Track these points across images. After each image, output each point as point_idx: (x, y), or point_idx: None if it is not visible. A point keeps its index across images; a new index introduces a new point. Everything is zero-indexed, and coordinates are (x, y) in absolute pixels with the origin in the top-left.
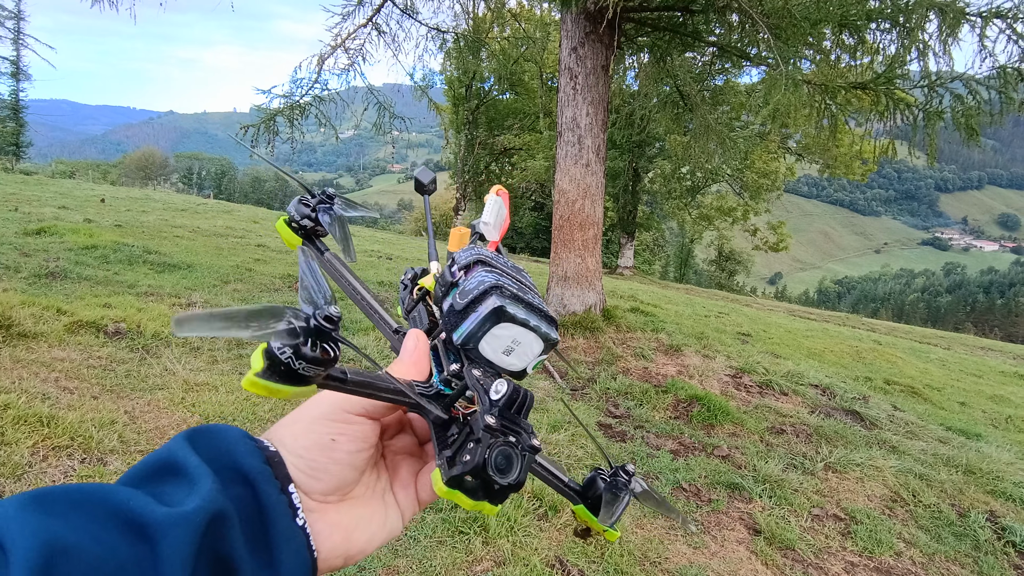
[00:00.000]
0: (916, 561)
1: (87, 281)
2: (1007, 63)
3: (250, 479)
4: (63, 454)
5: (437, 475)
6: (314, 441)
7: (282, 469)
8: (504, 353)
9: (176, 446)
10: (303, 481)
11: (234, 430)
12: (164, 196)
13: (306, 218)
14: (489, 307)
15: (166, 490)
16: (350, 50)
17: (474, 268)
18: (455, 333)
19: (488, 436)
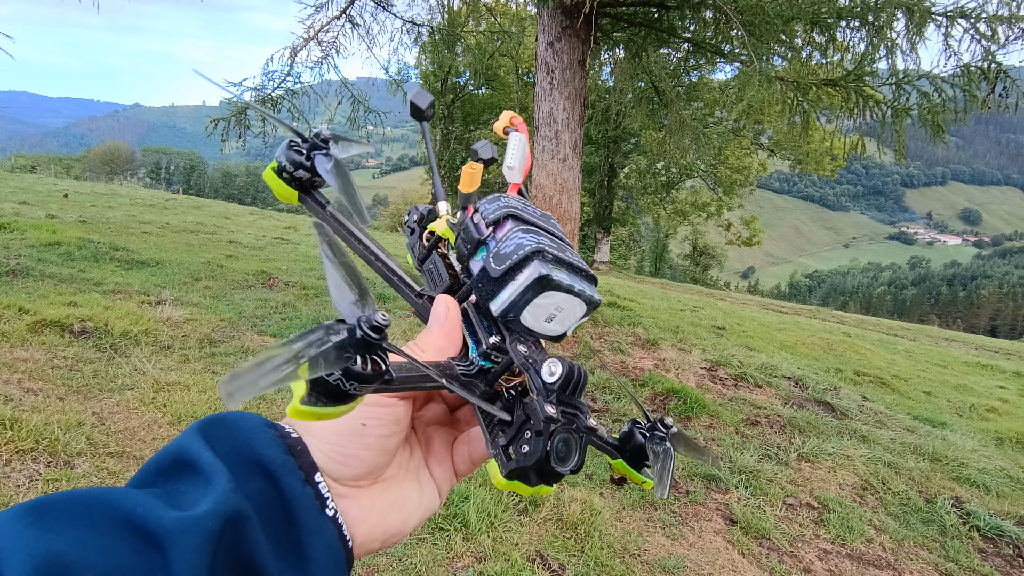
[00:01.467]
0: (886, 547)
1: (51, 279)
2: (971, 62)
3: (271, 472)
4: (27, 458)
5: (494, 467)
6: (343, 426)
7: (306, 457)
8: (546, 320)
9: (188, 439)
10: (331, 468)
11: (252, 418)
12: (131, 191)
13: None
14: (532, 276)
15: (179, 489)
16: (323, 43)
17: (504, 224)
18: (492, 303)
19: (549, 427)
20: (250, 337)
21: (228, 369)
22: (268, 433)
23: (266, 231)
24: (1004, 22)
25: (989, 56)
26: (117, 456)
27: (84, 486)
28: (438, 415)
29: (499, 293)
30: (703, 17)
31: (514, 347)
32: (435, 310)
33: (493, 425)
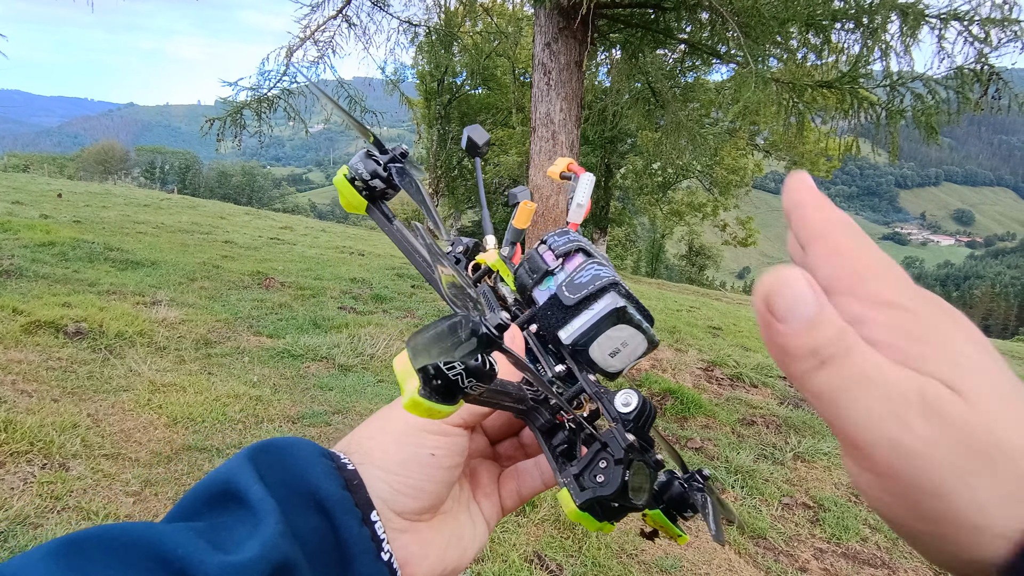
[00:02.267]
0: (881, 546)
1: (44, 279)
2: (964, 64)
3: (326, 508)
4: (22, 460)
5: (567, 497)
6: (411, 455)
7: (363, 494)
8: (610, 354)
9: (237, 468)
10: (396, 501)
11: (307, 446)
12: (125, 191)
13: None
14: (609, 307)
15: (225, 523)
16: (319, 42)
17: (574, 257)
18: (563, 331)
19: (628, 455)
20: (246, 338)
21: (224, 371)
22: (324, 464)
23: (262, 231)
24: (997, 25)
25: (982, 58)
26: (112, 458)
27: (79, 488)
28: (481, 447)
29: (571, 321)
30: (699, 18)
31: (585, 376)
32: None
33: (557, 455)
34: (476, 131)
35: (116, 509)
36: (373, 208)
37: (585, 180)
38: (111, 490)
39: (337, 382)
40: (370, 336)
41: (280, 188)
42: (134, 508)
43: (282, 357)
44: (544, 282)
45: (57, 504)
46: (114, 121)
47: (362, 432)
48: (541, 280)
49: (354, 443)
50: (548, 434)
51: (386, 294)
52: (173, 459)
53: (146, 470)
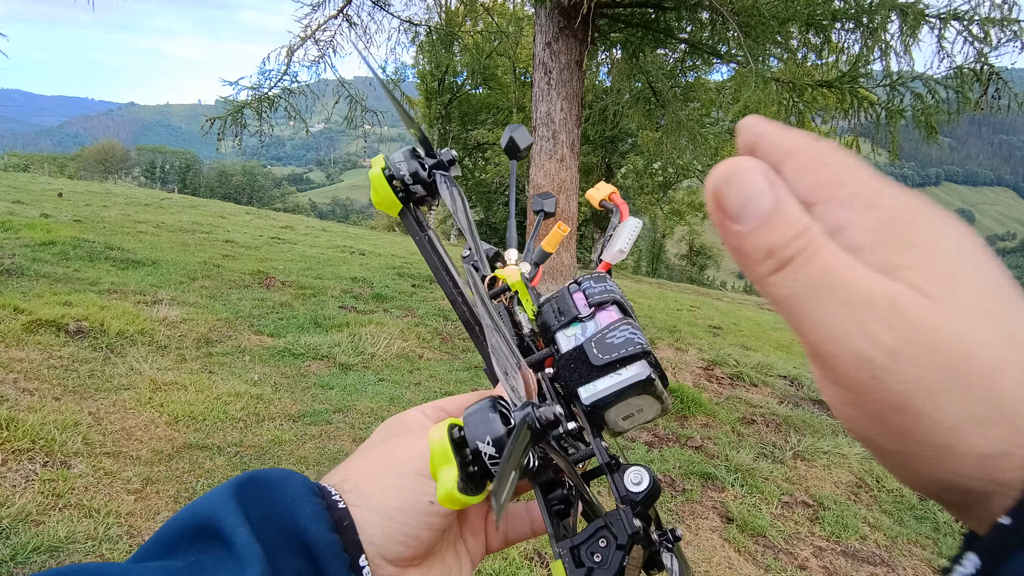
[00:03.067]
0: (880, 544)
1: (45, 279)
2: (963, 63)
3: (313, 553)
4: (24, 458)
5: (560, 570)
6: (409, 503)
7: (351, 536)
8: (623, 418)
9: (222, 504)
10: (389, 549)
11: (297, 482)
12: (126, 190)
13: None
14: (639, 376)
15: (204, 565)
16: (320, 42)
17: (608, 308)
18: (584, 389)
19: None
20: (247, 337)
21: (225, 369)
22: (314, 504)
23: (263, 231)
24: (996, 24)
25: (982, 58)
26: (114, 456)
27: (81, 486)
28: None
29: (595, 381)
30: (700, 18)
31: (599, 443)
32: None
33: (553, 514)
34: (520, 132)
35: (117, 507)
36: (407, 213)
37: (631, 225)
38: (112, 488)
39: (338, 381)
40: (371, 335)
41: (281, 187)
42: (135, 506)
43: (283, 356)
44: (571, 327)
45: (59, 502)
46: (114, 120)
47: (359, 468)
48: (568, 324)
49: (351, 480)
50: (546, 490)
51: (387, 293)
52: (174, 457)
53: (147, 468)
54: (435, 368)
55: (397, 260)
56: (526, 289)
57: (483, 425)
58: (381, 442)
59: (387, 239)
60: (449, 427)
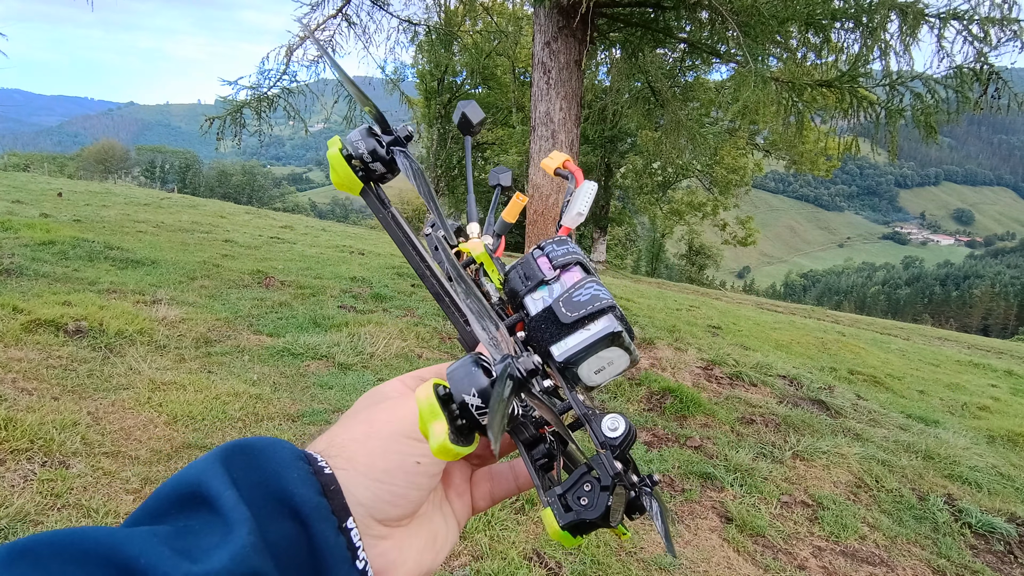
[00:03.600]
0: (879, 544)
1: (45, 278)
2: (963, 63)
3: (301, 515)
4: (22, 457)
5: (550, 517)
6: (396, 463)
7: (339, 499)
8: (595, 372)
9: (208, 470)
10: (378, 509)
11: (283, 447)
12: (125, 190)
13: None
14: (606, 330)
15: (192, 528)
16: (320, 41)
17: (572, 269)
18: (555, 347)
19: (614, 482)
20: (246, 336)
21: (224, 369)
22: (301, 468)
23: (262, 230)
24: (996, 24)
25: (981, 58)
26: (112, 456)
27: (80, 486)
28: None
29: (565, 338)
30: (699, 18)
31: (574, 396)
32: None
33: (538, 467)
34: (471, 108)
35: (116, 507)
36: (368, 191)
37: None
38: (111, 488)
39: (337, 380)
40: (370, 335)
41: (280, 187)
42: (134, 506)
43: (282, 356)
44: (537, 290)
45: (57, 501)
46: (114, 120)
47: (344, 433)
48: (535, 288)
49: (336, 445)
50: (529, 447)
51: (386, 293)
52: (173, 457)
53: (146, 468)
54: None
55: (396, 260)
56: (491, 260)
57: (467, 379)
58: (364, 409)
59: (386, 239)
60: (434, 386)
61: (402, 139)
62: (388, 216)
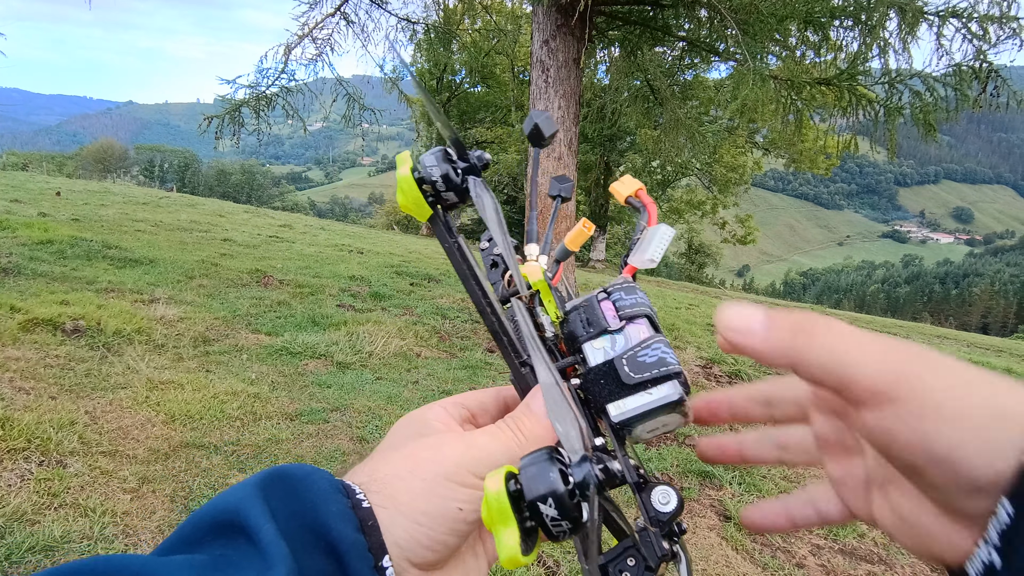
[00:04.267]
0: (878, 542)
1: (43, 277)
2: (962, 61)
3: (338, 552)
4: (19, 457)
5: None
6: (438, 507)
7: (376, 537)
8: (648, 431)
9: (247, 500)
10: (415, 553)
11: (322, 478)
12: (124, 189)
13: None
14: (670, 397)
15: (229, 559)
16: (318, 40)
17: (639, 322)
18: (613, 405)
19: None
20: (245, 335)
21: (222, 368)
22: (339, 502)
23: (260, 229)
24: (995, 22)
25: (980, 55)
26: (110, 455)
27: (77, 485)
28: None
29: (625, 398)
30: (698, 16)
31: (626, 460)
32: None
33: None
34: (544, 120)
35: (113, 506)
36: (437, 219)
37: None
38: (108, 487)
39: (335, 380)
40: (368, 334)
41: (279, 186)
42: (131, 505)
43: (280, 355)
44: (599, 338)
45: (54, 501)
46: (113, 119)
47: (387, 468)
48: (596, 336)
49: (377, 480)
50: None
51: (385, 292)
52: (171, 456)
53: (144, 467)
54: (433, 367)
55: (395, 259)
56: (548, 289)
57: (543, 482)
58: (407, 442)
59: (385, 238)
60: (506, 477)
61: (479, 167)
62: (454, 245)
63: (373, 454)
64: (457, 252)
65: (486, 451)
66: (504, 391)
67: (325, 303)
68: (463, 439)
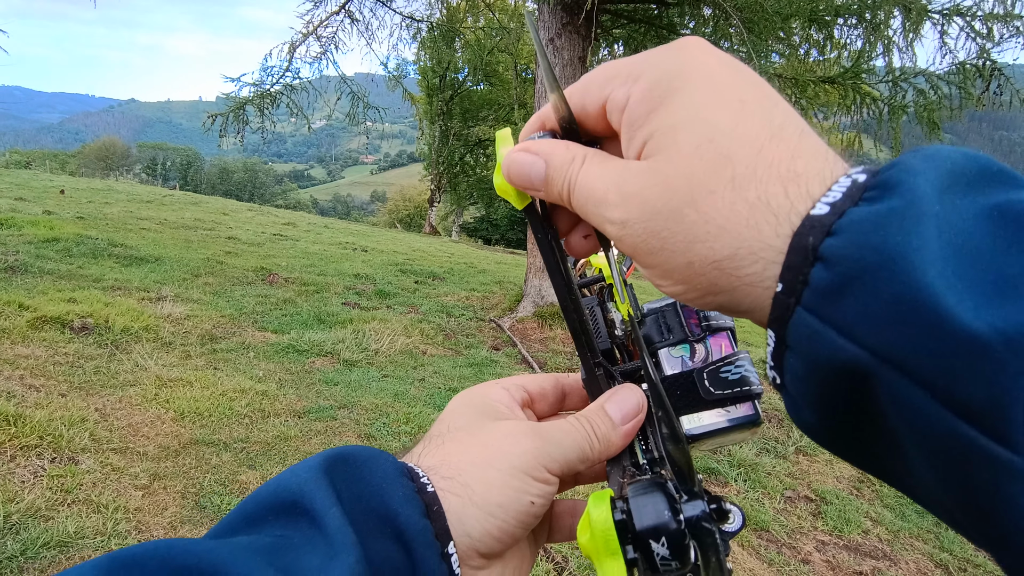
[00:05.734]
0: (882, 538)
1: (49, 275)
2: (966, 59)
3: (405, 538)
4: (32, 454)
5: None
6: (511, 500)
7: (441, 523)
8: (710, 446)
9: (312, 481)
10: (484, 543)
11: (386, 461)
12: (127, 187)
13: None
14: (748, 416)
15: (292, 542)
16: (322, 38)
17: (721, 336)
18: (687, 419)
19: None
20: (251, 333)
21: (230, 366)
22: (406, 487)
23: (265, 227)
24: (999, 20)
25: (984, 54)
26: (121, 452)
27: (89, 482)
28: None
29: (701, 412)
30: (702, 14)
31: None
32: (624, 400)
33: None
34: None
35: (125, 502)
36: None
37: None
38: (120, 483)
39: (342, 377)
40: (374, 331)
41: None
42: (143, 501)
43: (287, 352)
44: (678, 346)
45: (67, 497)
46: (115, 117)
47: (460, 454)
48: (675, 344)
49: (450, 465)
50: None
51: (390, 290)
52: (181, 453)
53: (154, 464)
54: (439, 364)
55: (399, 257)
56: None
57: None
58: (476, 425)
59: (389, 236)
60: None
61: None
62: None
63: (438, 434)
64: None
65: (560, 447)
66: (563, 379)
67: (330, 301)
68: (538, 432)
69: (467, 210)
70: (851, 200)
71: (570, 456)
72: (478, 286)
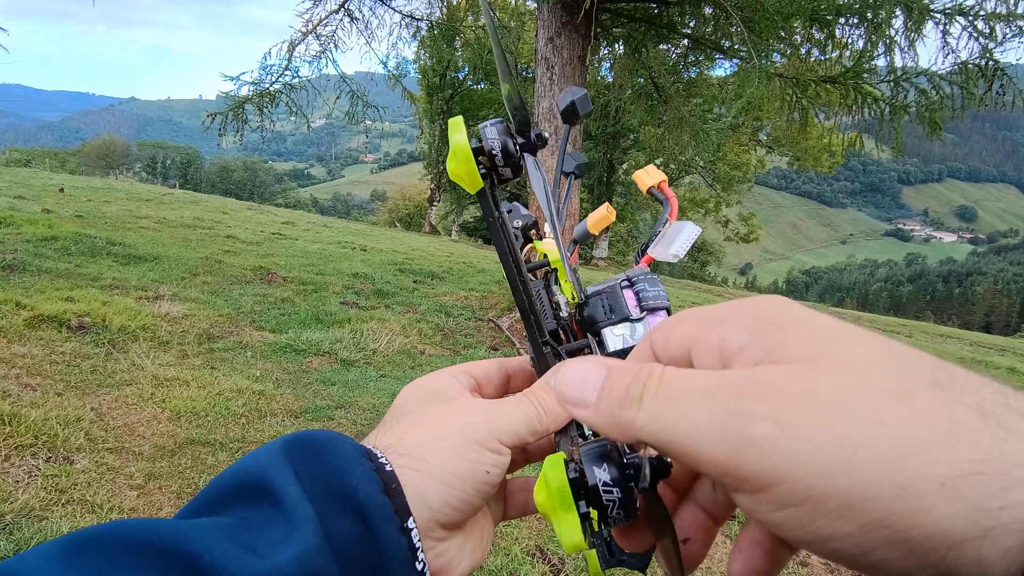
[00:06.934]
0: None
1: (47, 274)
2: (968, 59)
3: (365, 514)
4: (27, 453)
5: (593, 558)
6: (468, 470)
7: (400, 499)
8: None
9: (272, 462)
10: (444, 514)
11: (345, 442)
12: (127, 186)
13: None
14: None
15: (254, 521)
16: (321, 36)
17: (658, 315)
18: None
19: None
20: (249, 332)
21: (227, 365)
22: (365, 466)
23: (264, 226)
24: (1002, 20)
25: (987, 54)
26: (116, 452)
27: (84, 482)
28: None
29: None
30: (703, 13)
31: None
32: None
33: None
34: (581, 96)
35: (120, 502)
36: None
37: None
38: (115, 483)
39: (340, 377)
40: (372, 331)
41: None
42: (138, 501)
43: (284, 352)
44: (619, 325)
45: (62, 497)
46: (115, 116)
47: (415, 432)
48: (617, 323)
49: (406, 443)
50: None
51: (388, 289)
52: (177, 453)
53: (150, 464)
54: (437, 364)
55: (398, 256)
56: (565, 270)
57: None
58: (427, 407)
59: (388, 235)
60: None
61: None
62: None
63: (391, 420)
64: (501, 227)
65: (511, 420)
66: (507, 363)
67: (329, 300)
68: (489, 407)
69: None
70: None
71: (520, 428)
72: (477, 286)
